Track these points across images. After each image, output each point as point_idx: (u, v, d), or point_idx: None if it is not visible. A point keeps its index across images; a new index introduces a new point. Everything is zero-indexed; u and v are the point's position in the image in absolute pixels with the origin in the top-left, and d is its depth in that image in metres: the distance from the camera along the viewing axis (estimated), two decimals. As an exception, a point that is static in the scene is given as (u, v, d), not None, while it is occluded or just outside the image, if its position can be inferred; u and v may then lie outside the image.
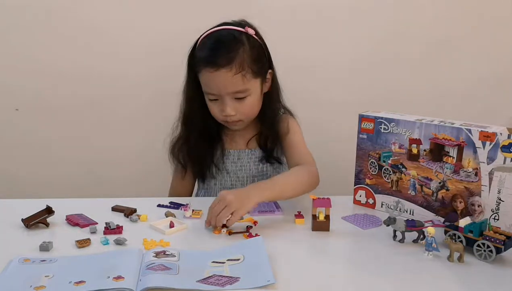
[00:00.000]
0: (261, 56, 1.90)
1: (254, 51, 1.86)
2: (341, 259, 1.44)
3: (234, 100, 1.85)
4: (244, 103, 1.87)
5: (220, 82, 1.81)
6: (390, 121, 1.68)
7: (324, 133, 2.59)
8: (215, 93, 1.85)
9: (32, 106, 2.58)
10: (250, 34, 1.88)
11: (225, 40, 1.84)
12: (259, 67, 1.87)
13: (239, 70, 1.80)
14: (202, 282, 1.24)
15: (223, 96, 1.84)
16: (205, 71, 1.82)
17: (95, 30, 2.51)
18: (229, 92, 1.83)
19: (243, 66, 1.80)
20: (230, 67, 1.79)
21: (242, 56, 1.81)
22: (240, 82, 1.82)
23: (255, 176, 2.03)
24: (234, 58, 1.79)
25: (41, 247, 1.41)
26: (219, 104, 1.87)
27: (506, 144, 1.45)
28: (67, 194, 1.76)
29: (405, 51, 2.64)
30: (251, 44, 1.86)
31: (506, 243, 1.34)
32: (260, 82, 1.90)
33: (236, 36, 1.85)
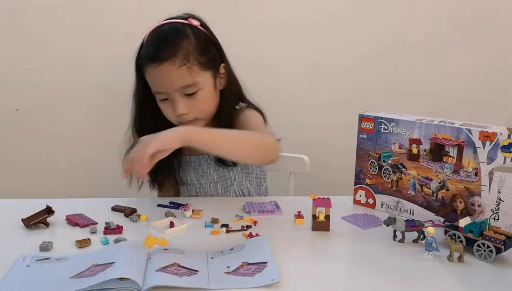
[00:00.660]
0: (208, 47, 1.81)
1: (199, 42, 1.77)
2: (341, 259, 1.44)
3: (185, 97, 1.76)
4: (196, 99, 1.77)
5: (166, 78, 1.72)
6: (390, 121, 1.68)
7: (324, 133, 2.59)
8: (163, 91, 1.76)
9: (32, 106, 2.58)
10: (195, 25, 1.80)
11: (167, 34, 1.76)
12: (208, 59, 1.79)
13: (184, 62, 1.71)
14: (205, 280, 1.24)
15: (171, 93, 1.75)
16: (149, 68, 1.74)
17: (96, 30, 2.51)
18: (177, 88, 1.74)
19: (188, 58, 1.72)
20: (173, 60, 1.70)
21: (186, 48, 1.73)
22: (187, 75, 1.73)
23: (218, 182, 1.96)
24: (177, 50, 1.71)
25: (41, 247, 1.41)
26: (170, 104, 1.78)
27: (506, 144, 1.45)
28: (67, 194, 1.76)
29: (405, 51, 2.65)
30: (195, 35, 1.78)
31: (506, 243, 1.34)
32: (211, 75, 1.81)
33: (178, 28, 1.77)
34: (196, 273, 1.27)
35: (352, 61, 2.66)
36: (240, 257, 1.36)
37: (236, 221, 1.63)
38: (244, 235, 1.53)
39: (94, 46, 2.54)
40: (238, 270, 1.29)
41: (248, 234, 1.52)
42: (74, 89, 2.57)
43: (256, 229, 1.57)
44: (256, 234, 1.51)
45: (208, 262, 1.34)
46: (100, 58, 2.55)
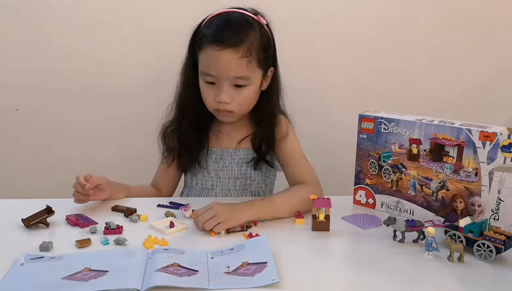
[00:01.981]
0: (269, 47, 1.83)
1: (263, 40, 1.79)
2: (341, 259, 1.44)
3: (232, 87, 1.77)
4: (241, 93, 1.79)
5: (224, 63, 1.72)
6: (390, 121, 1.68)
7: (324, 133, 2.59)
8: (214, 74, 1.76)
9: (32, 106, 2.58)
10: (262, 23, 1.81)
11: (236, 21, 1.77)
12: (266, 58, 1.80)
13: (246, 54, 1.72)
14: (205, 280, 1.24)
15: (221, 80, 1.76)
16: (209, 49, 1.73)
17: (96, 30, 2.51)
18: (230, 76, 1.75)
19: (251, 51, 1.73)
20: (238, 49, 1.71)
21: (251, 41, 1.74)
22: (244, 68, 1.74)
23: (237, 178, 1.96)
24: (244, 40, 1.72)
25: (41, 247, 1.41)
26: (215, 89, 1.78)
27: (506, 144, 1.45)
28: (67, 194, 1.75)
29: (405, 51, 2.64)
30: (261, 32, 1.79)
31: (506, 243, 1.35)
32: (262, 74, 1.82)
33: (249, 20, 1.78)
34: (196, 273, 1.27)
35: (353, 60, 2.65)
36: (240, 257, 1.36)
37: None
38: (244, 235, 1.53)
39: (95, 46, 2.53)
40: (238, 270, 1.30)
41: (248, 234, 1.52)
42: (74, 89, 2.57)
43: (256, 229, 1.57)
44: (256, 234, 1.51)
45: (208, 262, 1.34)
46: (101, 58, 2.54)
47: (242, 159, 1.96)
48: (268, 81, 1.88)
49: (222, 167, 1.97)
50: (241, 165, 1.96)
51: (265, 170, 2.00)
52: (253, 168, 1.96)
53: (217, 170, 1.97)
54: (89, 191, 1.69)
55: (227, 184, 1.97)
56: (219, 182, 1.97)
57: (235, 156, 1.96)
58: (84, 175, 1.73)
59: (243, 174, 1.97)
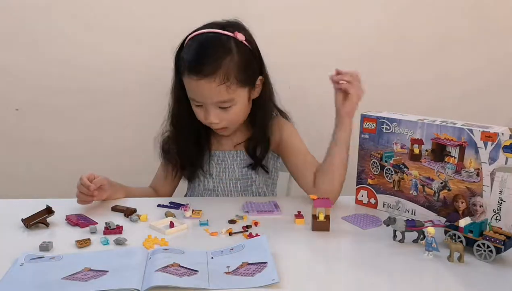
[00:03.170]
0: (250, 64, 1.82)
1: (242, 59, 1.78)
2: (341, 259, 1.43)
3: (218, 109, 1.80)
4: (229, 112, 1.81)
5: (203, 91, 1.76)
6: (392, 121, 1.67)
7: (326, 133, 2.58)
8: (198, 100, 1.80)
9: (32, 106, 2.58)
10: (240, 40, 1.79)
11: (210, 47, 1.77)
12: (247, 76, 1.81)
13: (223, 81, 1.73)
14: (205, 280, 1.24)
15: (206, 105, 1.79)
16: (188, 78, 1.77)
17: (96, 29, 2.51)
18: (213, 102, 1.78)
19: (228, 77, 1.74)
20: (213, 77, 1.72)
21: (228, 66, 1.74)
22: (224, 93, 1.75)
23: (238, 179, 1.97)
24: (219, 67, 1.72)
25: (41, 247, 1.41)
26: (204, 110, 1.82)
27: (508, 144, 1.44)
28: (67, 194, 1.76)
29: (405, 51, 2.64)
30: (239, 51, 1.78)
31: (506, 243, 1.34)
32: (247, 90, 1.84)
33: (223, 43, 1.77)
34: (196, 273, 1.27)
35: (354, 60, 2.64)
36: (240, 257, 1.35)
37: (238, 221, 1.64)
38: (244, 235, 1.53)
39: (95, 46, 2.53)
40: (238, 270, 1.29)
41: (248, 234, 1.52)
42: (74, 89, 2.57)
43: (256, 229, 1.57)
44: (256, 234, 1.51)
45: (208, 262, 1.34)
46: (101, 58, 2.54)
47: (243, 160, 1.97)
48: (258, 89, 1.89)
49: (224, 168, 1.97)
50: (242, 166, 1.97)
51: (263, 171, 1.99)
52: (251, 170, 1.97)
53: (219, 172, 1.97)
54: (93, 191, 1.71)
55: (229, 185, 1.97)
56: (220, 183, 1.97)
57: (236, 157, 1.97)
58: (87, 175, 1.74)
59: (244, 175, 1.97)
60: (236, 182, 1.97)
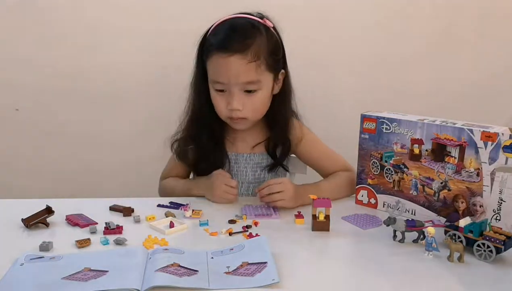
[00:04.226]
0: (278, 50, 1.82)
1: (271, 43, 1.78)
2: (341, 259, 1.43)
3: (243, 93, 1.76)
4: (253, 98, 1.78)
5: (232, 70, 1.72)
6: (392, 121, 1.67)
7: (326, 133, 2.58)
8: (223, 82, 1.75)
9: (32, 106, 2.58)
10: (269, 26, 1.80)
11: (241, 27, 1.76)
12: (275, 61, 1.79)
13: (254, 59, 1.71)
14: (205, 280, 1.24)
15: (231, 87, 1.75)
16: (216, 57, 1.73)
17: (96, 29, 2.51)
18: (240, 82, 1.74)
19: (259, 55, 1.72)
20: (245, 53, 1.70)
21: (259, 45, 1.73)
22: (253, 72, 1.73)
23: (251, 183, 1.95)
24: (251, 44, 1.71)
25: (41, 247, 1.41)
26: (226, 96, 1.78)
27: (508, 144, 1.44)
28: (67, 194, 1.76)
29: (406, 51, 2.64)
30: (268, 35, 1.78)
31: (506, 243, 1.34)
32: (272, 78, 1.82)
33: (254, 25, 1.77)
34: (196, 273, 1.27)
35: (354, 60, 2.65)
36: (240, 257, 1.35)
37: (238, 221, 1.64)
38: (244, 235, 1.52)
39: (95, 46, 2.54)
40: (238, 270, 1.29)
41: (248, 234, 1.52)
42: (74, 89, 2.57)
43: (256, 229, 1.57)
44: (256, 234, 1.51)
45: (208, 262, 1.34)
46: (101, 58, 2.55)
47: (257, 163, 1.95)
48: (279, 84, 1.88)
49: (236, 171, 1.95)
50: (255, 169, 1.95)
51: (279, 174, 1.98)
52: (268, 172, 1.95)
53: (232, 174, 1.91)
54: None
55: (241, 188, 1.95)
56: None
57: (249, 161, 1.95)
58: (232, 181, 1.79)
59: (256, 179, 1.96)
60: (248, 185, 1.96)
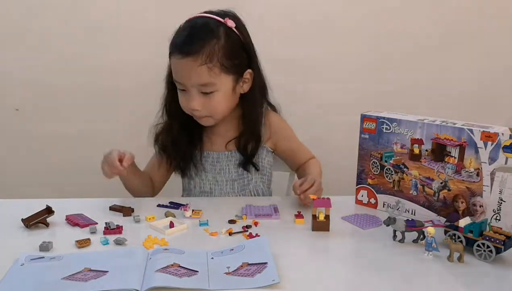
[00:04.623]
0: (237, 52, 1.81)
1: (228, 45, 1.77)
2: (341, 259, 1.43)
3: (201, 94, 1.78)
4: (211, 99, 1.79)
5: (185, 71, 1.76)
6: (392, 121, 1.67)
7: (326, 133, 2.58)
8: (180, 82, 1.79)
9: (32, 106, 2.58)
10: (229, 26, 1.79)
11: (197, 29, 1.77)
12: (233, 64, 1.79)
13: (205, 62, 1.72)
14: (205, 281, 1.24)
15: (188, 87, 1.78)
16: (173, 58, 1.78)
17: (96, 30, 2.51)
18: (193, 83, 1.76)
19: (211, 59, 1.73)
20: (196, 56, 1.72)
21: (212, 48, 1.73)
22: (206, 75, 1.74)
23: (235, 180, 1.96)
24: (203, 48, 1.72)
25: (41, 247, 1.41)
26: (187, 95, 1.81)
27: (508, 144, 1.44)
28: (67, 194, 1.76)
29: (406, 51, 2.64)
30: (226, 37, 1.78)
31: (506, 243, 1.34)
32: (232, 79, 1.81)
33: (211, 26, 1.77)
34: (196, 274, 1.27)
35: (354, 60, 2.65)
36: (240, 258, 1.35)
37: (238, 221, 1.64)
38: (244, 235, 1.52)
39: (95, 46, 2.54)
40: (238, 270, 1.29)
41: (248, 234, 1.52)
42: (74, 89, 2.57)
43: (256, 229, 1.57)
44: (256, 234, 1.51)
45: (208, 262, 1.34)
46: (101, 58, 2.55)
47: (237, 159, 1.95)
48: (248, 83, 1.87)
49: (219, 169, 1.96)
50: (237, 166, 1.96)
51: (260, 169, 1.98)
52: (243, 169, 1.96)
53: (214, 173, 1.95)
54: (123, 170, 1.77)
55: (225, 186, 1.96)
56: (217, 185, 1.96)
57: (231, 158, 1.95)
58: (118, 154, 1.81)
59: (240, 176, 1.96)
60: (233, 182, 1.96)
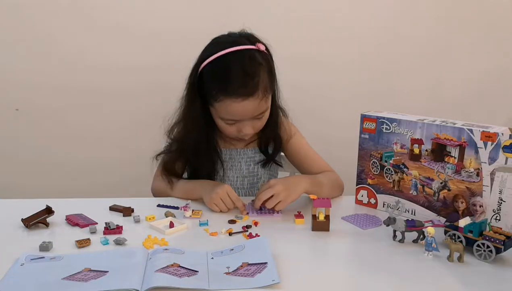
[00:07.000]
0: (273, 70, 1.83)
1: (268, 68, 1.79)
2: (341, 259, 1.43)
3: (254, 120, 1.80)
4: (261, 120, 1.83)
5: (248, 110, 1.75)
6: (392, 121, 1.67)
7: (326, 133, 2.58)
8: (237, 119, 1.78)
9: (32, 106, 2.58)
10: (262, 50, 1.80)
11: (249, 69, 1.73)
12: (274, 82, 1.83)
13: (264, 94, 1.75)
14: (205, 281, 1.24)
15: (244, 120, 1.79)
16: (229, 101, 1.72)
17: (96, 30, 2.51)
18: (254, 116, 1.78)
19: (266, 88, 1.75)
20: (257, 94, 1.72)
21: (264, 80, 1.75)
22: (264, 105, 1.78)
23: (245, 177, 1.97)
24: (259, 84, 1.73)
25: (41, 247, 1.41)
26: (237, 125, 1.80)
27: (508, 144, 1.44)
28: (67, 194, 1.76)
29: (406, 51, 2.64)
30: (265, 62, 1.79)
31: (505, 243, 1.34)
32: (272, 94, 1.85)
33: (255, 59, 1.76)
34: (196, 274, 1.27)
35: (354, 61, 2.65)
36: (240, 258, 1.35)
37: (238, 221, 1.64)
38: (244, 235, 1.52)
39: (95, 46, 2.54)
40: (238, 270, 1.29)
41: (248, 234, 1.52)
42: (74, 89, 2.57)
43: (256, 229, 1.57)
44: (256, 234, 1.51)
45: (208, 262, 1.34)
46: (101, 58, 2.55)
47: (250, 157, 1.97)
48: None
49: (230, 165, 1.97)
50: (249, 163, 1.97)
51: (271, 168, 2.01)
52: (262, 167, 1.98)
53: (226, 169, 1.96)
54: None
55: (235, 182, 1.97)
56: (227, 180, 1.97)
57: (243, 155, 1.97)
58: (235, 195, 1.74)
59: (251, 173, 1.98)
60: (243, 179, 1.97)
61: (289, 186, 1.71)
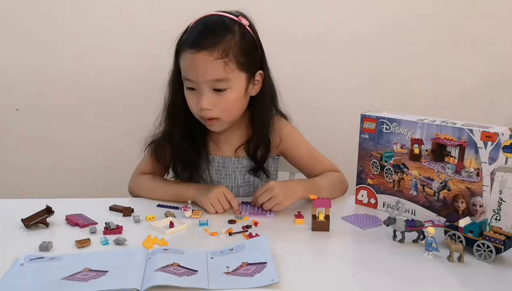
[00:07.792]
0: (251, 50, 1.78)
1: (243, 42, 1.74)
2: (341, 259, 1.43)
3: (212, 92, 1.72)
4: (223, 97, 1.73)
5: (199, 66, 1.69)
6: (392, 121, 1.67)
7: (326, 133, 2.58)
8: (192, 79, 1.72)
9: (32, 106, 2.58)
10: (243, 24, 1.77)
11: (213, 25, 1.73)
12: (247, 60, 1.75)
13: (222, 56, 1.68)
14: (205, 280, 1.24)
15: (200, 85, 1.71)
16: (186, 53, 1.71)
17: (96, 31, 2.51)
18: (207, 79, 1.70)
19: (227, 53, 1.69)
20: (212, 50, 1.67)
21: (228, 43, 1.69)
22: (221, 70, 1.69)
23: (241, 186, 1.93)
24: (219, 42, 1.68)
25: (40, 247, 1.41)
26: (196, 95, 1.74)
27: (508, 144, 1.44)
28: (67, 194, 1.76)
29: (406, 51, 2.64)
30: (241, 34, 1.74)
31: (506, 243, 1.34)
32: (245, 78, 1.76)
33: (226, 22, 1.74)
34: (196, 273, 1.27)
35: (354, 61, 2.65)
36: (239, 257, 1.35)
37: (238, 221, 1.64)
38: (244, 235, 1.52)
39: (95, 47, 2.54)
40: (237, 270, 1.29)
41: (248, 234, 1.52)
42: (74, 89, 2.57)
43: (256, 229, 1.57)
44: (256, 234, 1.51)
45: (207, 262, 1.34)
46: (101, 59, 2.54)
47: (245, 167, 1.92)
48: (257, 86, 1.83)
49: (224, 175, 1.93)
50: (244, 173, 1.93)
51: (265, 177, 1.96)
52: (253, 175, 1.93)
53: (220, 179, 1.92)
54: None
55: (231, 192, 1.89)
56: None
57: (237, 164, 1.92)
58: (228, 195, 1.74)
59: (246, 182, 1.94)
60: (238, 189, 1.93)
61: (287, 190, 1.72)
